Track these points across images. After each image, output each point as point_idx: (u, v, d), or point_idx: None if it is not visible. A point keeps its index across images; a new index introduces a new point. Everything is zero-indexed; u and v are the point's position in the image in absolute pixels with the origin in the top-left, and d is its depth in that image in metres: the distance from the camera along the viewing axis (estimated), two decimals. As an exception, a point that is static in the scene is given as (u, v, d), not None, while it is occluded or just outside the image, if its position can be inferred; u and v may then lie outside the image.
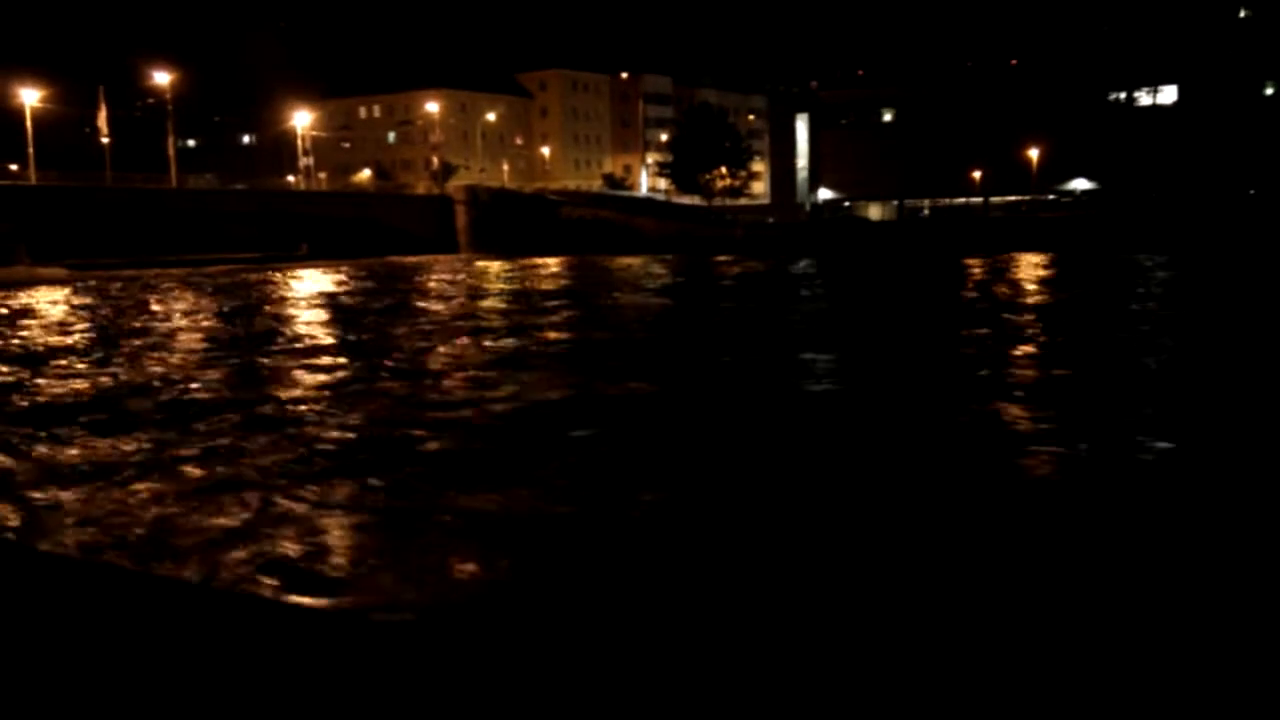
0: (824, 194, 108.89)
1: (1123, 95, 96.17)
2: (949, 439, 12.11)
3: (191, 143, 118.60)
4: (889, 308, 32.17)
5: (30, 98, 66.42)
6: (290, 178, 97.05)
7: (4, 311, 33.76)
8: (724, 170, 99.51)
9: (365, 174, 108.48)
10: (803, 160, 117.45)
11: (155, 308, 34.87)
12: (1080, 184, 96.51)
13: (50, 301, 38.54)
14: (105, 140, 70.27)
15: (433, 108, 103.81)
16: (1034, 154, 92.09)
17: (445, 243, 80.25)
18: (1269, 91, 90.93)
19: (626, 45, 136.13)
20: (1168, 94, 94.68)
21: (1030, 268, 48.93)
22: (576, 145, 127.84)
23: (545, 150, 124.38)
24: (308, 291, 42.63)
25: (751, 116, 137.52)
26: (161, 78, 74.68)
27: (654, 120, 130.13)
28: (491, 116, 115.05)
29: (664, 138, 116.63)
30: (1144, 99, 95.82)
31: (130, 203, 66.95)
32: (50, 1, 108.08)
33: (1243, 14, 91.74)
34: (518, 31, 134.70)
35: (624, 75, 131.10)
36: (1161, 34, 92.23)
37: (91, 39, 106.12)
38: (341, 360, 19.97)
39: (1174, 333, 23.62)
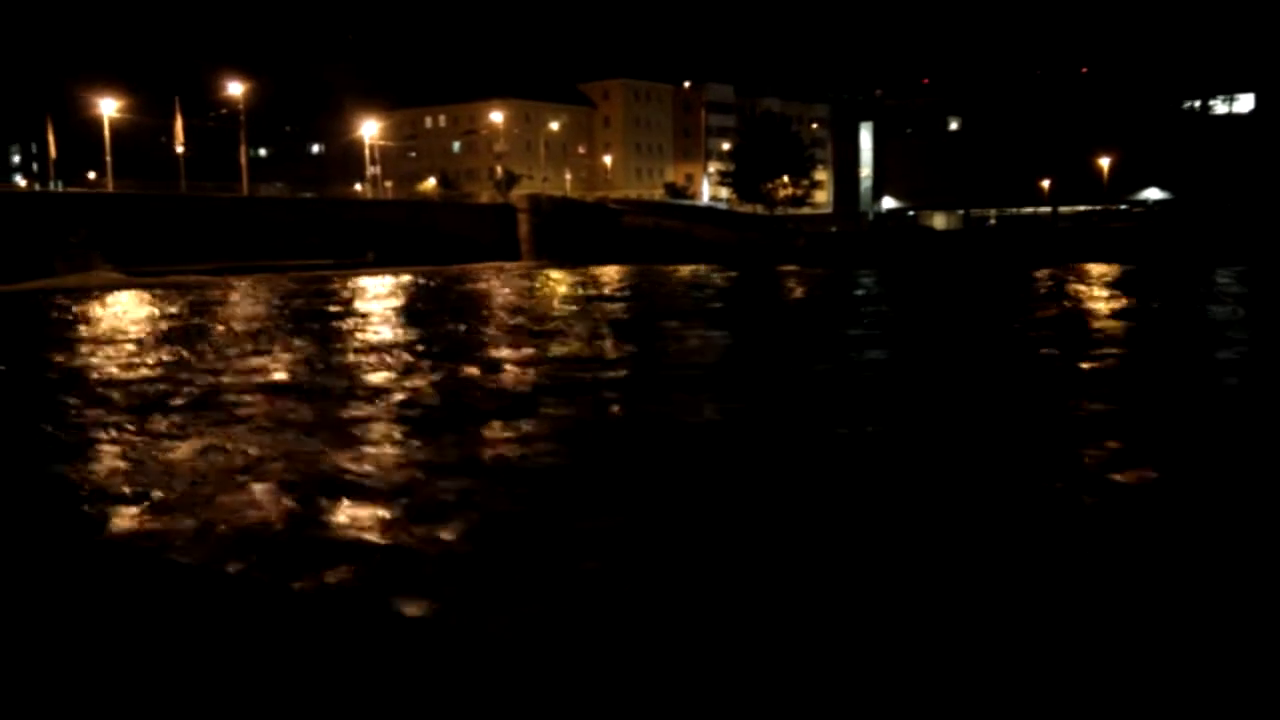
0: (888, 203, 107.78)
1: (1197, 103, 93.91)
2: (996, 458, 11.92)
3: (263, 152, 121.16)
4: (949, 324, 31.72)
5: (109, 108, 68.44)
6: (357, 186, 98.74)
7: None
8: (786, 179, 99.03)
9: (430, 183, 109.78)
10: (866, 169, 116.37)
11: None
12: (1153, 194, 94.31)
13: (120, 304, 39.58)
14: (180, 150, 72.07)
15: (497, 117, 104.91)
16: (1105, 163, 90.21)
17: (508, 250, 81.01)
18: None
19: (689, 55, 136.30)
20: (1244, 102, 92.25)
21: (1098, 281, 47.94)
22: (638, 154, 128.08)
23: (607, 159, 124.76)
24: (374, 293, 43.31)
25: (814, 125, 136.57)
26: (235, 89, 76.54)
27: (716, 129, 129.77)
28: (555, 126, 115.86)
29: (726, 147, 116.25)
30: (1219, 107, 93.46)
31: (205, 211, 68.63)
32: (129, 16, 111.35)
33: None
34: (581, 41, 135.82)
35: (686, 85, 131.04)
36: (1237, 41, 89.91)
37: (168, 52, 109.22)
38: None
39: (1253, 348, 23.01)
